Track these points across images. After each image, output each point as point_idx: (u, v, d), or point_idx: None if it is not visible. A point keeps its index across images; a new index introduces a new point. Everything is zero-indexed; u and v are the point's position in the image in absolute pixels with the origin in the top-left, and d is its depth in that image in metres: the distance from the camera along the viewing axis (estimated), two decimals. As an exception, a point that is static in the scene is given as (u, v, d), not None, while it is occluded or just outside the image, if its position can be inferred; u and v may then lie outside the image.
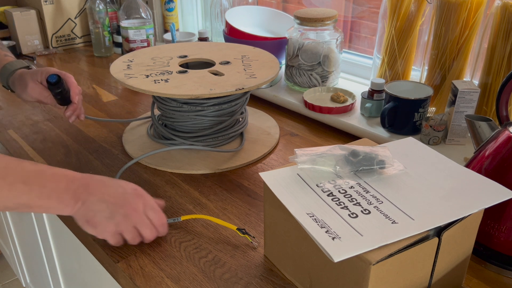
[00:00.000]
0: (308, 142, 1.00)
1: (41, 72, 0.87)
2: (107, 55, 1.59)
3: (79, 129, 1.06)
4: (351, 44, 1.38)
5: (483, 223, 0.62)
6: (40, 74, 0.86)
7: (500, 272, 0.64)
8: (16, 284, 1.91)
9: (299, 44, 1.13)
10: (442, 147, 0.91)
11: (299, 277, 0.60)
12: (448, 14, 0.93)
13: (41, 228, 1.16)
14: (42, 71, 0.87)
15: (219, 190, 0.83)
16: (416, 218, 0.51)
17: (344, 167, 0.59)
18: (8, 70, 0.90)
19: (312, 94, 1.12)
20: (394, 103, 0.93)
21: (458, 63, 0.96)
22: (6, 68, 0.90)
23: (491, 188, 0.55)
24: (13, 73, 0.89)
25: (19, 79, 0.87)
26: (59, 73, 0.87)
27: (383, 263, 0.46)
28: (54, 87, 0.85)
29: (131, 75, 0.90)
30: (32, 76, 0.86)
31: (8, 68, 0.90)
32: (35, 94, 0.87)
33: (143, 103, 1.21)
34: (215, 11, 1.46)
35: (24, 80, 0.86)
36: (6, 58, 0.91)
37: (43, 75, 0.86)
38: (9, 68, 0.90)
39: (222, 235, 0.72)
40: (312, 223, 0.51)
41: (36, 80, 0.86)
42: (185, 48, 1.07)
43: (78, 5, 1.64)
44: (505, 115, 0.73)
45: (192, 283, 0.63)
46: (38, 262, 1.36)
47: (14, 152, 0.96)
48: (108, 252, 0.69)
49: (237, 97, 0.92)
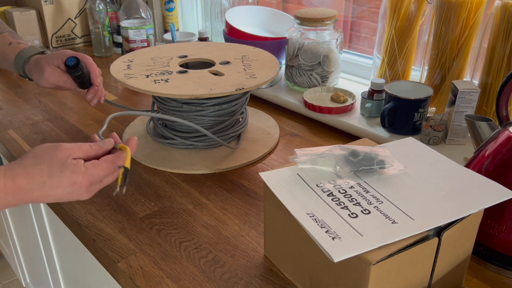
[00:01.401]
0: (308, 142, 1.00)
1: (57, 55, 0.82)
2: (107, 55, 1.59)
3: (79, 129, 1.06)
4: (351, 44, 1.38)
5: (483, 223, 0.62)
6: (56, 58, 0.81)
7: (500, 272, 0.64)
8: (16, 284, 1.91)
9: (299, 44, 1.13)
10: (442, 147, 0.91)
11: (299, 277, 0.60)
12: (448, 14, 0.93)
13: (41, 228, 1.16)
14: (58, 55, 0.82)
15: (219, 190, 0.83)
16: (416, 218, 0.51)
17: (344, 167, 0.59)
18: (23, 57, 0.85)
19: (312, 94, 1.12)
20: (394, 103, 0.93)
21: (458, 63, 0.96)
22: (21, 56, 0.85)
23: (491, 188, 0.55)
24: (28, 60, 0.84)
25: (35, 66, 0.82)
26: (76, 55, 0.82)
27: (383, 263, 0.46)
28: (73, 70, 0.80)
29: (131, 75, 0.90)
30: (48, 60, 0.81)
31: (23, 55, 0.85)
32: (53, 80, 0.82)
33: (143, 103, 1.21)
34: (215, 11, 1.46)
35: (40, 66, 0.81)
36: (19, 46, 0.86)
37: (59, 58, 0.81)
38: (23, 55, 0.85)
39: (222, 235, 0.72)
40: (312, 223, 0.51)
41: (53, 64, 0.81)
42: (185, 48, 1.07)
43: (78, 5, 1.64)
44: (505, 115, 0.73)
45: (192, 283, 0.63)
46: (38, 262, 1.36)
47: (14, 152, 0.96)
48: (108, 252, 0.69)
49: (237, 97, 0.92)
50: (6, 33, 0.89)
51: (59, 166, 0.54)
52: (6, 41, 0.87)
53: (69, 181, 0.54)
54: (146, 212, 0.77)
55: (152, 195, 0.82)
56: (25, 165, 0.54)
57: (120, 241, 0.71)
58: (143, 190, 0.83)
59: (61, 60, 0.82)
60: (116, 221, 0.75)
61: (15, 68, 0.86)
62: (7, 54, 0.87)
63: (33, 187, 0.54)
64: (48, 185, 0.54)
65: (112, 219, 0.76)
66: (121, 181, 0.56)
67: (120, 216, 0.76)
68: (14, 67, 0.86)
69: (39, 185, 0.54)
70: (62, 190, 0.55)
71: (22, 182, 0.53)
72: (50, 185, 0.54)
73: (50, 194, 0.55)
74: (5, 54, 0.87)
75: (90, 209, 0.78)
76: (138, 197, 0.81)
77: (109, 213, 0.77)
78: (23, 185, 0.54)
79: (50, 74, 0.81)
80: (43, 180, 0.54)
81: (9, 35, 0.89)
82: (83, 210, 0.78)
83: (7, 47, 0.87)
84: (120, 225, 0.74)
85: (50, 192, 0.54)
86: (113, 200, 0.80)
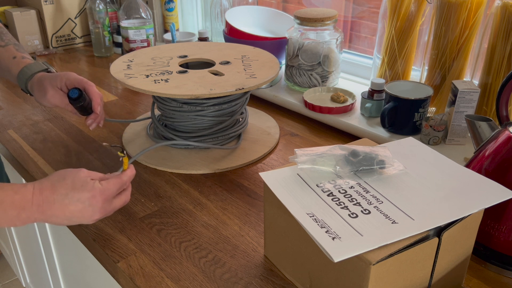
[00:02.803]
0: (308, 142, 1.00)
1: (60, 78, 0.82)
2: (107, 55, 1.59)
3: (79, 129, 1.06)
4: (351, 44, 1.38)
5: (483, 223, 0.62)
6: (60, 80, 0.82)
7: (500, 272, 0.64)
8: (16, 284, 1.91)
9: (299, 44, 1.13)
10: (442, 147, 0.91)
11: (299, 277, 0.60)
12: (448, 14, 0.93)
13: (41, 228, 1.16)
14: (62, 77, 0.82)
15: (219, 190, 0.83)
16: (416, 218, 0.51)
17: (344, 167, 0.59)
18: (26, 74, 0.85)
19: (312, 94, 1.12)
20: (394, 103, 0.93)
21: (458, 63, 0.96)
22: (24, 71, 0.85)
23: (491, 188, 0.55)
24: (31, 76, 0.85)
25: (38, 85, 0.83)
26: (79, 82, 0.83)
27: (383, 263, 0.46)
28: (76, 102, 0.81)
29: (131, 75, 0.90)
30: (52, 82, 0.82)
31: (26, 71, 0.85)
32: (55, 101, 0.83)
33: (143, 103, 1.21)
34: (215, 11, 1.46)
35: (43, 86, 0.82)
36: (23, 61, 0.87)
37: (63, 81, 0.82)
38: (27, 71, 0.85)
39: (222, 235, 0.72)
40: (312, 223, 0.51)
41: (56, 86, 0.82)
42: (185, 48, 1.07)
43: (78, 5, 1.64)
44: (505, 115, 0.73)
45: (192, 283, 0.63)
46: (38, 262, 1.36)
47: (14, 152, 0.96)
48: (108, 252, 0.69)
49: (237, 97, 0.92)
50: (11, 46, 0.88)
51: (81, 182, 0.61)
52: (11, 54, 0.87)
53: (88, 195, 0.60)
54: (146, 212, 0.77)
55: (152, 195, 0.82)
56: (52, 180, 0.61)
57: (120, 241, 0.71)
58: (143, 190, 0.83)
59: (64, 83, 0.82)
60: (116, 221, 0.75)
61: (17, 83, 0.87)
62: (10, 68, 0.87)
63: (56, 198, 0.59)
64: (69, 197, 0.60)
65: (112, 219, 0.76)
66: None
67: (120, 216, 0.76)
68: (17, 81, 0.86)
69: (62, 197, 0.60)
70: (81, 204, 0.60)
71: (48, 194, 0.59)
72: (71, 197, 0.60)
73: (69, 208, 0.60)
74: (9, 68, 0.87)
75: (90, 209, 0.78)
76: (138, 197, 0.81)
77: (109, 213, 0.77)
78: (48, 196, 0.59)
79: (52, 96, 0.82)
80: (66, 193, 0.60)
81: (14, 48, 0.89)
82: (83, 210, 0.78)
83: (11, 60, 0.87)
84: (120, 225, 0.74)
85: (70, 205, 0.60)
86: (113, 200, 0.80)
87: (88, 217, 0.62)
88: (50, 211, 0.59)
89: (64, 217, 0.60)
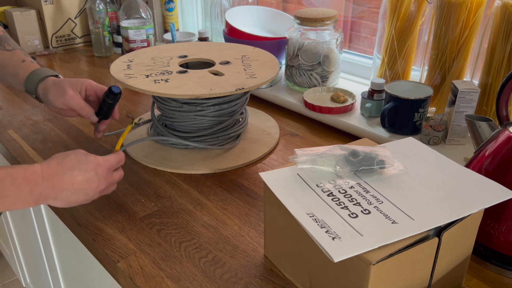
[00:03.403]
0: (308, 142, 1.00)
1: (81, 83, 0.85)
2: (107, 55, 1.59)
3: (79, 129, 1.06)
4: (351, 44, 1.38)
5: (483, 223, 0.62)
6: (80, 85, 0.85)
7: (500, 272, 0.64)
8: (16, 284, 1.91)
9: (299, 44, 1.13)
10: (442, 147, 0.91)
11: (299, 277, 0.60)
12: (448, 14, 0.93)
13: (41, 228, 1.16)
14: (83, 82, 0.85)
15: (219, 190, 0.83)
16: (416, 218, 0.51)
17: (344, 167, 0.59)
18: (39, 76, 0.86)
19: (312, 94, 1.12)
20: (394, 103, 0.93)
21: (458, 63, 0.96)
22: (37, 73, 0.86)
23: (491, 188, 0.55)
24: (43, 79, 0.86)
25: (56, 86, 0.84)
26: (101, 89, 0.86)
27: (383, 263, 0.46)
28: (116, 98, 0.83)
29: (131, 75, 0.91)
30: (72, 85, 0.84)
31: (39, 73, 0.86)
32: (72, 103, 0.84)
33: (143, 103, 1.21)
34: (215, 11, 1.46)
35: (61, 88, 0.84)
36: (33, 65, 0.89)
37: (83, 86, 0.85)
38: (40, 73, 0.86)
39: (222, 235, 0.72)
40: (312, 223, 0.51)
41: (76, 89, 0.84)
42: (185, 48, 1.07)
43: (78, 5, 1.64)
44: (505, 115, 0.73)
45: (192, 283, 0.63)
46: (38, 262, 1.36)
47: (14, 152, 0.96)
48: (108, 252, 0.69)
49: (237, 97, 0.92)
50: (18, 50, 0.90)
51: (84, 155, 0.67)
52: (19, 58, 0.88)
53: (93, 165, 0.66)
54: (146, 212, 0.77)
55: (152, 195, 0.82)
56: (57, 158, 0.65)
57: (120, 241, 0.71)
58: (143, 190, 0.83)
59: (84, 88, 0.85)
60: (116, 221, 0.75)
61: (23, 85, 0.87)
62: (18, 71, 0.87)
63: (65, 171, 0.64)
64: (77, 168, 0.65)
65: (112, 219, 0.76)
66: None
67: (120, 216, 0.76)
68: (24, 84, 0.87)
69: (70, 170, 0.64)
70: (88, 174, 0.65)
71: (56, 168, 0.64)
72: (79, 168, 0.65)
73: (77, 179, 0.65)
74: (16, 71, 0.88)
75: (90, 209, 0.78)
76: (138, 197, 0.81)
77: (109, 213, 0.77)
78: (57, 169, 0.64)
79: (71, 97, 0.83)
80: (73, 165, 0.65)
81: (21, 52, 0.90)
82: (83, 210, 0.78)
83: (20, 64, 0.88)
84: (120, 225, 0.74)
85: (79, 175, 0.65)
86: (113, 200, 0.80)
87: (95, 188, 0.66)
88: (61, 185, 0.63)
89: (73, 190, 0.64)
